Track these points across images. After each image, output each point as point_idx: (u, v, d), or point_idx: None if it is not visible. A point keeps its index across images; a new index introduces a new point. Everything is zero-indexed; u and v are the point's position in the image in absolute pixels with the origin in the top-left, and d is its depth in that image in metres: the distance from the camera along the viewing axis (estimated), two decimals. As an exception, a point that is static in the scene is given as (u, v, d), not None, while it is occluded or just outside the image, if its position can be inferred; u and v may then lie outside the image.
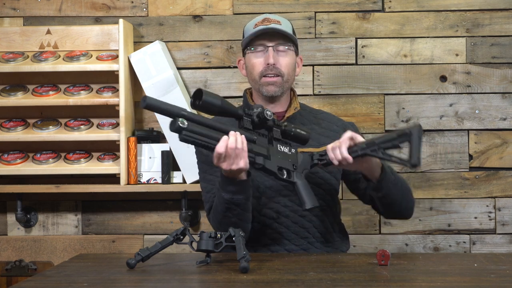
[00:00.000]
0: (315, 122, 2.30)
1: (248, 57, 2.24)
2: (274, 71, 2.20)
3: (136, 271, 1.80)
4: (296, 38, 2.28)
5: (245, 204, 2.03)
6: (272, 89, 2.21)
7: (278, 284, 1.64)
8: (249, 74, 2.26)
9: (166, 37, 3.10)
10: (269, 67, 2.19)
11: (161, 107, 1.86)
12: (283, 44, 2.21)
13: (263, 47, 2.21)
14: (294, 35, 2.27)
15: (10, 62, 2.99)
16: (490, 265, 1.87)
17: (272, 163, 1.99)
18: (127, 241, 3.11)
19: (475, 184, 3.04)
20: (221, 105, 1.92)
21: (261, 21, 2.22)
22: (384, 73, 3.06)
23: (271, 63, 2.19)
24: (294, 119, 2.25)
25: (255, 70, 2.22)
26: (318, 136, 2.25)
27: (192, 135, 1.85)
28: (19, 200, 3.05)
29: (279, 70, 2.20)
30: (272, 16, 2.26)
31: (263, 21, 2.22)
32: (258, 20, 2.24)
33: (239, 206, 2.03)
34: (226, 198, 2.02)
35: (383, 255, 1.84)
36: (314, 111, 2.36)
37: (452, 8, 3.04)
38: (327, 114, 2.37)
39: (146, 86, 2.97)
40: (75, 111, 3.04)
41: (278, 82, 2.21)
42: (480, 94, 3.04)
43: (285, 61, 2.21)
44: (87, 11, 3.13)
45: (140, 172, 2.99)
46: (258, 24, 2.22)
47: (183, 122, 1.82)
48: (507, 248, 3.03)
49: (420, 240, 3.05)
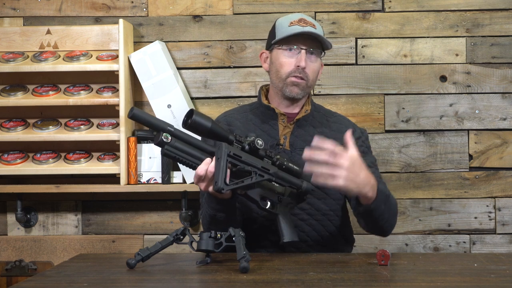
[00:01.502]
0: (326, 125, 2.27)
1: (277, 53, 2.21)
2: (302, 74, 2.18)
3: (136, 271, 1.80)
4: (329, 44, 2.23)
5: (228, 222, 2.03)
6: (296, 90, 2.20)
7: (278, 284, 1.64)
8: (274, 71, 2.23)
9: (166, 37, 3.10)
10: (298, 69, 2.17)
11: (147, 119, 1.86)
12: (317, 50, 2.20)
13: (297, 48, 2.19)
14: None
15: (10, 62, 2.99)
16: (490, 265, 1.87)
17: (255, 192, 1.97)
18: (127, 241, 3.11)
19: (475, 184, 3.04)
20: (210, 128, 1.90)
21: (298, 21, 2.19)
22: (384, 73, 3.06)
23: (302, 66, 2.17)
24: (305, 120, 2.24)
25: (283, 69, 2.19)
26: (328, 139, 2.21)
27: (174, 150, 1.87)
28: (19, 200, 3.05)
29: (307, 74, 2.18)
30: (308, 17, 2.23)
31: (300, 21, 2.19)
32: (294, 19, 2.20)
33: (221, 223, 2.04)
34: (209, 213, 2.06)
35: (383, 255, 1.84)
36: (327, 114, 2.33)
37: (452, 8, 3.05)
38: (340, 117, 2.34)
39: (146, 86, 2.97)
40: (75, 111, 3.04)
41: (302, 85, 2.19)
42: (480, 94, 3.04)
43: (314, 67, 2.20)
44: (87, 11, 3.13)
45: (140, 172, 2.99)
46: (294, 23, 2.18)
47: (166, 137, 1.85)
48: (507, 248, 3.03)
49: (420, 240, 3.05)
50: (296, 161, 2.10)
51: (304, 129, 2.23)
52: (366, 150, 2.28)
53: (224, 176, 1.85)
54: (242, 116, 2.27)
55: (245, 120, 2.26)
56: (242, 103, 3.01)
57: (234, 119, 2.27)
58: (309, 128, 2.24)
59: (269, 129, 2.22)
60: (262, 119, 2.24)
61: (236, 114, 2.29)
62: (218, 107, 3.05)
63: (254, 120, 2.25)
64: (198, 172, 1.91)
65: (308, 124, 2.24)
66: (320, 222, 2.19)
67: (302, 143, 2.20)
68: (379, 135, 3.05)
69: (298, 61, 2.17)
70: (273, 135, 2.21)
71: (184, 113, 1.91)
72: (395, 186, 3.04)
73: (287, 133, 2.22)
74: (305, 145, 2.16)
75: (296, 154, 2.18)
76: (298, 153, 2.18)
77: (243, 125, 2.24)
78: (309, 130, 2.23)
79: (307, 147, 1.91)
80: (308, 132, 2.23)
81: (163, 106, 2.95)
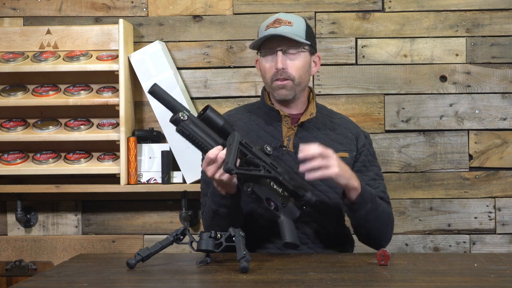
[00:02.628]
0: (330, 127, 2.26)
1: (260, 61, 2.22)
2: (284, 75, 2.16)
3: (136, 271, 1.80)
4: (313, 36, 2.23)
5: (229, 218, 2.04)
6: (283, 92, 2.18)
7: (278, 284, 1.64)
8: (262, 78, 2.24)
9: (166, 37, 3.10)
10: (278, 71, 2.16)
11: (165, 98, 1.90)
12: (292, 47, 2.17)
13: (273, 51, 2.17)
14: (310, 34, 2.22)
15: (10, 62, 2.99)
16: (490, 265, 1.87)
17: (262, 190, 1.98)
18: (127, 241, 3.11)
19: (475, 184, 3.04)
20: (221, 126, 1.94)
21: (272, 23, 2.18)
22: (384, 73, 3.06)
23: (280, 68, 2.15)
24: (309, 122, 2.22)
25: (267, 74, 2.19)
26: (331, 142, 2.21)
27: (189, 129, 1.88)
28: (19, 200, 3.05)
29: (289, 74, 2.16)
30: (285, 16, 2.21)
31: (274, 23, 2.18)
32: (270, 22, 2.19)
33: (223, 218, 2.05)
34: (212, 208, 2.07)
35: (383, 255, 1.84)
36: (331, 115, 2.32)
37: (452, 8, 3.05)
38: (344, 119, 2.33)
39: (146, 86, 2.97)
40: (75, 111, 3.04)
41: (289, 86, 2.17)
42: (480, 94, 3.04)
43: (296, 64, 2.17)
44: (87, 11, 3.13)
45: (140, 172, 2.99)
46: (269, 26, 2.17)
47: (183, 115, 1.87)
48: (507, 248, 3.03)
49: (420, 240, 3.05)
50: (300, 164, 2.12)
51: (308, 131, 2.22)
52: (370, 158, 2.29)
53: (235, 158, 1.86)
54: (245, 117, 2.27)
55: (248, 120, 2.25)
56: (242, 103, 3.01)
57: (237, 119, 2.26)
58: (313, 130, 2.23)
59: (272, 131, 2.21)
60: (266, 120, 2.23)
61: (239, 114, 2.29)
62: (218, 107, 3.05)
63: (257, 120, 2.24)
64: (209, 155, 1.91)
65: (312, 126, 2.23)
66: (321, 223, 2.19)
67: None
68: (379, 135, 3.05)
69: (275, 64, 2.16)
70: (277, 136, 2.20)
71: None
72: (395, 186, 3.04)
73: (291, 135, 2.21)
74: None
75: None
76: None
77: (246, 126, 2.23)
78: (313, 132, 2.22)
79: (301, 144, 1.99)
80: (312, 134, 2.22)
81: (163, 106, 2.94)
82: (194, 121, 1.90)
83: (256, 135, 2.20)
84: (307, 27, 2.22)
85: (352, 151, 2.24)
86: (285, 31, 2.15)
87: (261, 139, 2.19)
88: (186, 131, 1.89)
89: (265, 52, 2.19)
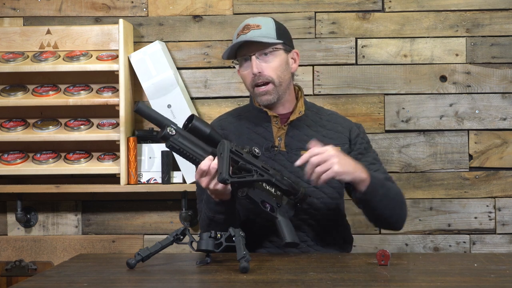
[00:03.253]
0: (320, 124, 2.27)
1: (239, 69, 2.23)
2: (262, 79, 2.16)
3: (136, 271, 1.80)
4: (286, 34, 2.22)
5: (226, 223, 2.04)
6: (266, 98, 2.19)
7: (278, 284, 1.64)
8: (245, 85, 2.25)
9: (166, 37, 3.10)
10: (256, 76, 2.16)
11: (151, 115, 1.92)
12: (263, 49, 2.17)
13: (247, 58, 2.18)
14: (282, 32, 2.21)
15: (10, 62, 2.99)
16: (490, 265, 1.87)
17: (256, 193, 1.99)
18: (127, 241, 3.11)
19: (475, 184, 3.04)
20: (208, 134, 1.95)
21: (242, 30, 2.19)
22: (384, 73, 3.06)
23: (256, 72, 2.16)
24: (299, 121, 2.23)
25: (246, 82, 2.21)
26: (322, 138, 2.21)
27: (179, 143, 1.90)
28: (19, 200, 3.05)
29: (266, 76, 2.16)
30: (253, 20, 2.21)
31: (243, 30, 2.18)
32: (239, 29, 2.20)
33: (220, 224, 2.05)
34: (208, 215, 2.07)
35: (383, 255, 1.84)
36: (320, 111, 2.32)
37: (452, 8, 3.05)
38: (334, 115, 2.33)
39: (146, 86, 2.97)
40: (75, 111, 3.04)
41: (270, 89, 2.18)
42: (480, 94, 3.04)
43: (271, 66, 2.17)
44: (87, 11, 3.13)
45: (140, 172, 2.99)
46: (239, 34, 2.18)
47: (171, 130, 1.89)
48: (507, 248, 3.03)
49: (420, 240, 3.05)
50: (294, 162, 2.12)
51: (299, 129, 2.23)
52: (366, 146, 2.28)
53: (228, 168, 1.87)
54: (236, 120, 2.28)
55: (238, 124, 2.26)
56: (242, 103, 3.01)
57: (228, 123, 2.27)
58: (303, 128, 2.23)
59: (263, 132, 2.22)
60: (255, 122, 2.24)
61: (230, 117, 2.30)
62: (218, 107, 3.05)
63: (248, 123, 2.25)
64: (201, 167, 1.92)
65: (302, 124, 2.23)
66: (319, 222, 2.19)
67: (298, 143, 2.20)
68: (379, 135, 3.05)
69: (251, 69, 2.17)
70: (268, 137, 2.21)
71: (184, 113, 1.94)
72: (395, 186, 3.04)
73: (281, 135, 2.21)
74: (301, 145, 2.18)
75: (293, 154, 2.18)
76: (294, 153, 2.18)
77: (237, 129, 2.24)
78: (304, 130, 2.23)
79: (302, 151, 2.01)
80: (303, 132, 2.22)
81: (163, 106, 2.95)
82: (183, 134, 1.92)
83: (248, 138, 2.21)
84: (277, 26, 2.21)
85: (344, 144, 2.23)
86: (254, 35, 2.15)
87: (253, 141, 2.20)
88: (176, 146, 1.91)
89: (240, 61, 2.21)
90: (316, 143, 2.00)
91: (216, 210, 2.04)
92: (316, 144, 2.00)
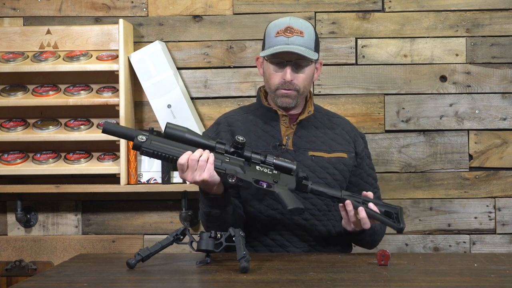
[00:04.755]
0: (329, 126, 2.28)
1: (267, 64, 2.20)
2: (290, 87, 2.16)
3: (136, 271, 1.80)
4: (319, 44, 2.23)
5: (223, 218, 2.05)
6: (287, 100, 2.18)
7: (278, 284, 1.64)
8: (266, 81, 2.23)
9: (166, 37, 3.10)
10: (285, 83, 2.16)
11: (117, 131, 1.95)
12: (302, 62, 2.16)
13: (282, 61, 2.16)
14: (318, 43, 2.21)
15: (10, 62, 2.99)
16: (490, 265, 1.87)
17: (247, 175, 1.98)
18: (127, 241, 3.11)
19: (475, 184, 3.04)
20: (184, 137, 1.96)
21: (284, 30, 2.15)
22: (384, 73, 3.06)
23: (288, 79, 2.15)
24: (308, 121, 2.24)
25: (271, 81, 2.19)
26: (330, 141, 2.23)
27: (152, 147, 1.92)
28: (19, 200, 3.05)
29: (295, 85, 2.16)
30: (296, 22, 2.18)
31: (286, 31, 2.15)
32: (281, 28, 2.16)
33: (217, 219, 2.05)
34: (204, 210, 2.07)
35: (383, 255, 1.84)
36: (329, 114, 2.34)
37: (452, 8, 3.04)
38: (342, 120, 2.34)
39: (146, 86, 2.97)
40: (75, 111, 3.04)
41: (293, 95, 2.18)
42: (480, 94, 3.04)
43: (303, 77, 2.17)
44: (87, 11, 3.13)
45: (140, 172, 2.99)
46: (280, 33, 2.15)
47: (141, 138, 1.92)
48: (507, 248, 3.03)
49: (420, 240, 3.05)
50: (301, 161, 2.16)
51: (307, 129, 2.23)
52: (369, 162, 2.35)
53: None
54: (243, 117, 2.27)
55: (246, 121, 2.26)
56: (242, 103, 3.01)
57: (235, 120, 2.27)
58: (311, 128, 2.24)
59: (271, 130, 2.22)
60: (264, 120, 2.24)
61: (236, 115, 2.30)
62: (218, 107, 3.05)
63: (255, 121, 2.25)
64: (180, 162, 1.93)
65: (310, 125, 2.24)
66: (322, 222, 2.20)
67: (305, 143, 2.21)
68: (379, 135, 3.05)
69: (284, 75, 2.16)
70: (276, 136, 2.21)
71: (184, 113, 1.94)
72: (395, 186, 3.04)
73: (289, 134, 2.22)
74: (309, 146, 2.19)
75: (300, 154, 2.19)
76: (302, 153, 2.19)
77: (244, 126, 2.24)
78: (312, 131, 2.24)
79: None
80: (311, 133, 2.23)
81: (163, 106, 2.95)
82: (155, 139, 1.93)
83: (255, 135, 2.21)
84: (316, 36, 2.21)
85: (350, 152, 2.26)
86: (298, 43, 2.14)
87: (260, 138, 2.20)
88: (149, 150, 1.92)
89: (273, 60, 2.18)
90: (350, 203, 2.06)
91: (211, 205, 2.04)
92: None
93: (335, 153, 2.22)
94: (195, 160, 1.92)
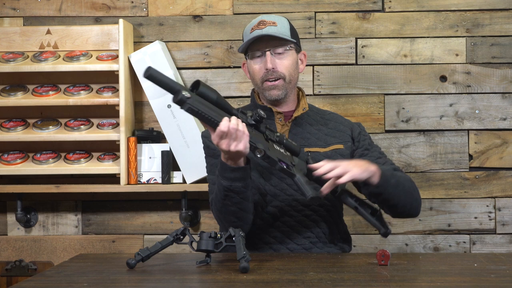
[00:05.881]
0: (322, 122, 2.30)
1: (249, 63, 2.25)
2: (274, 75, 2.19)
3: (136, 271, 1.80)
4: (297, 35, 2.27)
5: (244, 193, 2.02)
6: (275, 92, 2.21)
7: (278, 284, 1.64)
8: (252, 80, 2.27)
9: (166, 37, 3.10)
10: (268, 71, 2.19)
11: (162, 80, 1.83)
12: (279, 46, 2.20)
13: (261, 52, 2.21)
14: (294, 33, 2.26)
15: (10, 62, 2.99)
16: (490, 265, 1.87)
17: (272, 153, 1.99)
18: (127, 241, 3.11)
19: (475, 184, 3.04)
20: (216, 100, 1.90)
21: (257, 25, 2.21)
22: (384, 73, 3.06)
23: (270, 68, 2.18)
24: (302, 119, 2.26)
25: (256, 76, 2.23)
26: (325, 136, 2.26)
27: (196, 105, 1.84)
28: (19, 200, 3.05)
29: (279, 73, 2.20)
30: (268, 17, 2.24)
31: (259, 25, 2.20)
32: (254, 24, 2.22)
33: (238, 194, 2.02)
34: (224, 185, 2.02)
35: (383, 255, 1.84)
36: (321, 112, 2.36)
37: (452, 8, 3.05)
38: (334, 115, 2.37)
39: (146, 86, 2.97)
40: (75, 111, 3.04)
41: (280, 85, 2.20)
42: (480, 94, 3.04)
43: (285, 63, 2.21)
44: (87, 11, 3.13)
45: (140, 172, 2.99)
46: (254, 28, 2.21)
47: (186, 93, 1.83)
48: (507, 248, 3.03)
49: (420, 240, 3.05)
50: None
51: (301, 127, 2.26)
52: (369, 141, 2.33)
53: None
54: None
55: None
56: (242, 103, 3.02)
57: None
58: (306, 126, 2.27)
59: None
60: None
61: None
62: (218, 107, 3.05)
63: None
64: (221, 128, 1.87)
65: (305, 122, 2.27)
66: (323, 218, 2.21)
67: (301, 140, 2.23)
68: (379, 135, 3.05)
69: (265, 64, 2.19)
70: None
71: (184, 113, 1.91)
72: (395, 186, 3.04)
73: (285, 131, 2.24)
74: (304, 143, 2.21)
75: None
76: None
77: None
78: (307, 128, 2.26)
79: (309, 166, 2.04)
80: (305, 130, 2.26)
81: (163, 106, 2.95)
82: (197, 98, 1.86)
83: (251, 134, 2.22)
84: (291, 26, 2.26)
85: (347, 142, 2.27)
86: (271, 31, 2.18)
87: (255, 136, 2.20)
88: (195, 108, 1.84)
89: (252, 54, 2.22)
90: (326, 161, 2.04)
91: (232, 177, 2.00)
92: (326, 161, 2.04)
93: (331, 146, 2.24)
94: (235, 129, 1.89)
